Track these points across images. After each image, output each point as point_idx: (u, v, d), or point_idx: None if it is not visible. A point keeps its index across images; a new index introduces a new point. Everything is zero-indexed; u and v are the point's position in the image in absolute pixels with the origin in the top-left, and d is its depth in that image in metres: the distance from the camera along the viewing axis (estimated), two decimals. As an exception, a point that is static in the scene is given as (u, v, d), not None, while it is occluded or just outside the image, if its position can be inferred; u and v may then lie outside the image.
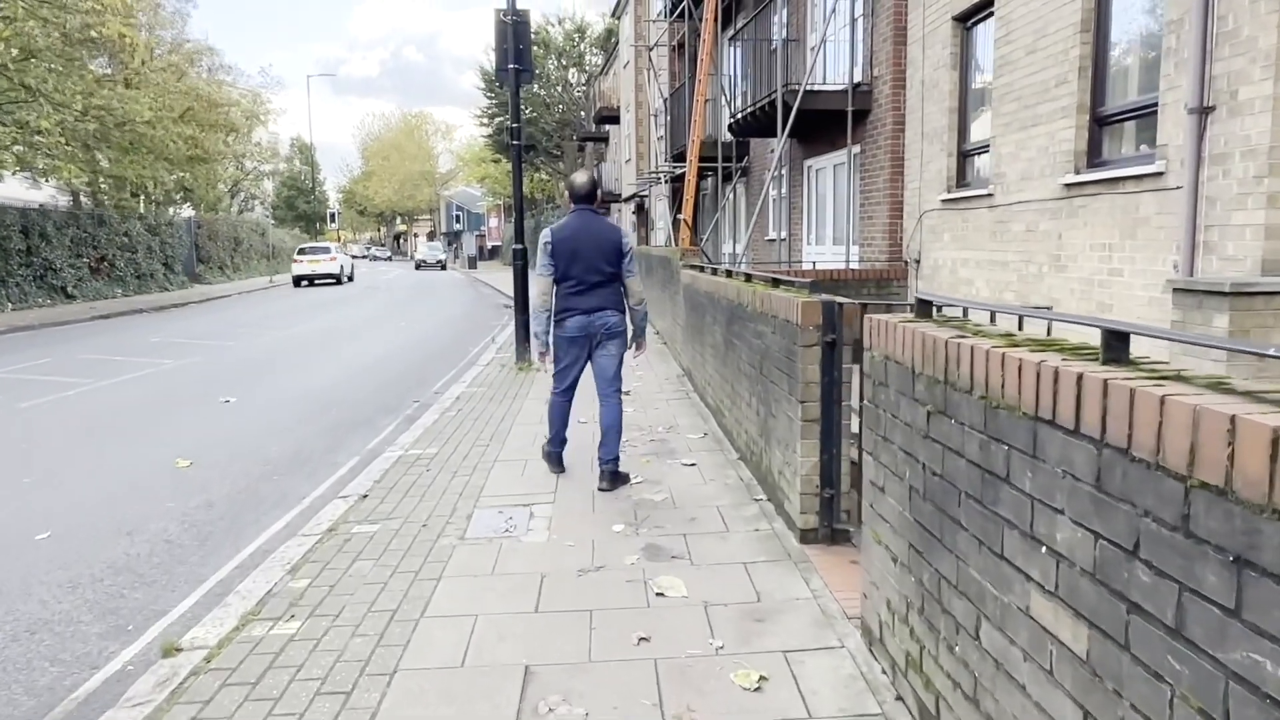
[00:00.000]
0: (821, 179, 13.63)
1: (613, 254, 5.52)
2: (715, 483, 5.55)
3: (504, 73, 10.97)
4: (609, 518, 4.92)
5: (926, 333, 2.60)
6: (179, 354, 13.62)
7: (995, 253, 8.28)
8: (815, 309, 4.21)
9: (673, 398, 8.65)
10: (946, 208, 9.41)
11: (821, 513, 4.33)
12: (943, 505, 2.50)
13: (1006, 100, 7.97)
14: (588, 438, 6.94)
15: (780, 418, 4.72)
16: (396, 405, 9.32)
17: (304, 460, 7.00)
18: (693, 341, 9.02)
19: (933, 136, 9.70)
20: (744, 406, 5.93)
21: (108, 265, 28.73)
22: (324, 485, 6.23)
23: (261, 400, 9.64)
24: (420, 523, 4.95)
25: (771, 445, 4.99)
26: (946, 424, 2.45)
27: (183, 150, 30.72)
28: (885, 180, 10.91)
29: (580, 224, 5.55)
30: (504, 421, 7.75)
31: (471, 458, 6.46)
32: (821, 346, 4.22)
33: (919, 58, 10.01)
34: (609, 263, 5.51)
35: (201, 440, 7.71)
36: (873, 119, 11.24)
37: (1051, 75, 7.20)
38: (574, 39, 45.33)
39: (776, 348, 4.76)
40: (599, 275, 5.50)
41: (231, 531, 5.27)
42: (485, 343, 14.65)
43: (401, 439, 7.25)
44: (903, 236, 10.73)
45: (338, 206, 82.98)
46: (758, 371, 5.36)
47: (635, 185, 27.75)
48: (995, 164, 8.22)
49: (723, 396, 6.90)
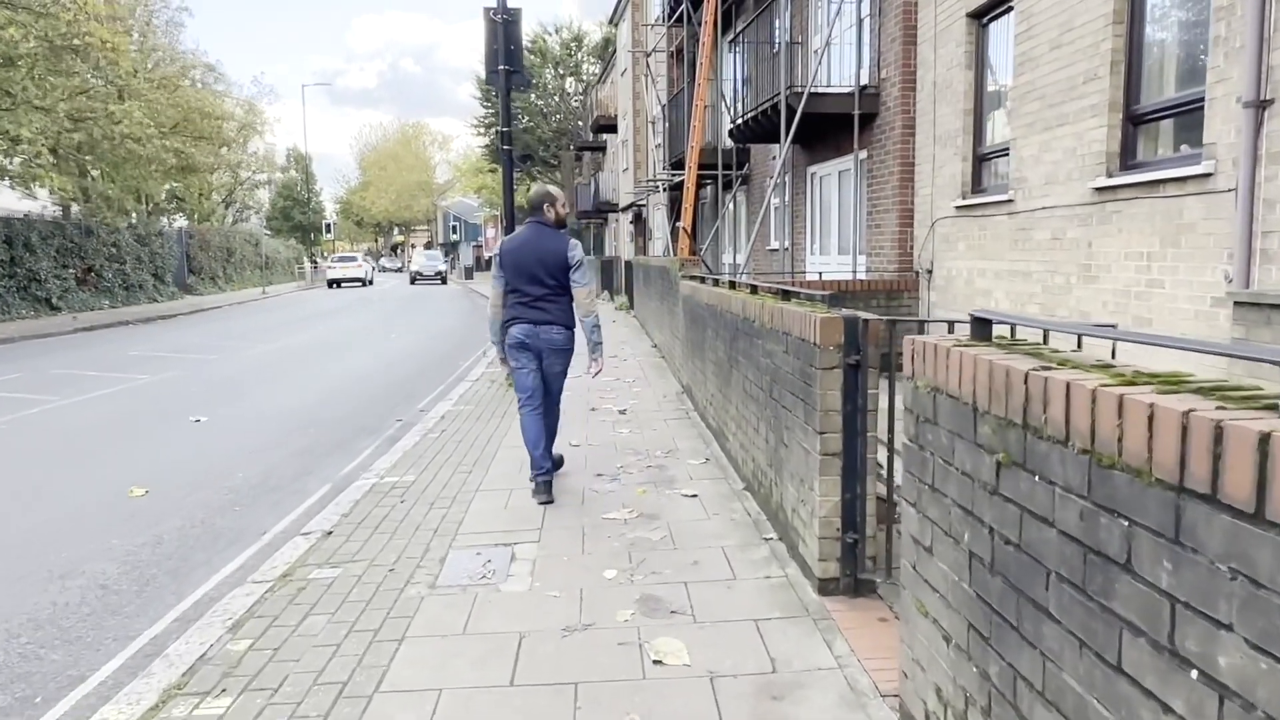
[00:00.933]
0: (826, 186, 13.11)
1: (557, 266, 5.46)
2: (719, 518, 4.99)
3: (494, 74, 10.46)
4: (600, 560, 4.35)
5: (995, 361, 2.04)
6: (156, 368, 13.06)
7: (1016, 262, 7.75)
8: (836, 326, 3.66)
9: (672, 417, 8.09)
10: (961, 215, 8.88)
11: (843, 560, 3.77)
12: (1021, 584, 1.94)
13: (1028, 100, 7.45)
14: (579, 461, 6.38)
15: (794, 448, 4.16)
16: (378, 425, 8.75)
17: (271, 488, 6.44)
18: (693, 357, 8.47)
19: (946, 140, 9.18)
20: (750, 431, 5.38)
21: (94, 276, 28.16)
22: (288, 518, 5.66)
23: (235, 419, 9.07)
24: (387, 566, 4.38)
25: (783, 478, 4.43)
26: (1027, 481, 1.90)
27: (172, 162, 30.25)
28: (894, 187, 10.39)
29: (527, 236, 5.58)
30: (489, 444, 7.19)
31: (451, 486, 5.89)
32: (843, 369, 3.67)
33: (930, 58, 9.50)
34: (552, 275, 5.46)
35: (163, 465, 7.14)
36: (880, 123, 10.72)
37: (1079, 71, 6.68)
38: (571, 48, 44.94)
39: (789, 369, 4.21)
40: (542, 288, 5.48)
41: (177, 576, 4.70)
42: (476, 356, 14.09)
43: (378, 464, 6.68)
44: (913, 246, 10.20)
45: (334, 217, 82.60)
46: (767, 394, 4.80)
47: (633, 194, 27.26)
48: (1016, 168, 7.70)
49: (726, 419, 6.34)
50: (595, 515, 5.10)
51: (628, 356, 12.77)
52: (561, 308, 5.54)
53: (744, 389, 5.56)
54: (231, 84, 51.04)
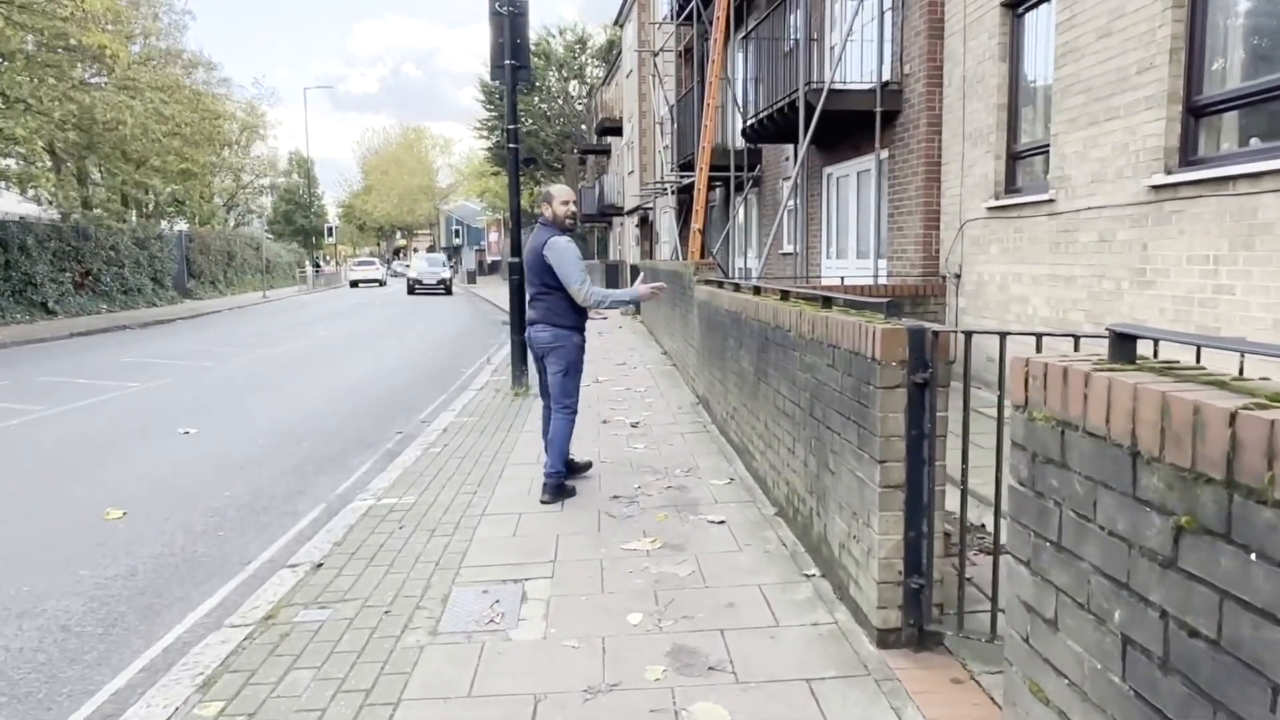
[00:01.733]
0: (843, 188, 12.62)
1: (540, 266, 5.49)
2: (752, 549, 4.49)
3: (500, 70, 9.98)
4: (623, 601, 3.86)
5: (1170, 393, 1.56)
6: (149, 376, 12.58)
7: (1057, 266, 7.26)
8: (899, 338, 3.17)
9: (689, 431, 7.60)
10: (994, 216, 8.39)
11: (906, 608, 3.28)
12: (1221, 693, 1.45)
13: (1071, 93, 6.96)
14: (592, 480, 5.89)
15: (843, 476, 3.67)
16: (376, 438, 8.27)
17: (259, 509, 5.95)
18: (710, 366, 7.99)
19: (976, 137, 8.70)
20: (783, 452, 4.89)
21: (92, 280, 27.74)
22: (276, 545, 5.17)
23: (226, 431, 8.58)
24: (382, 607, 3.89)
25: (828, 508, 3.94)
26: (1233, 558, 1.41)
27: (174, 164, 29.84)
28: (918, 187, 9.90)
29: (533, 236, 5.73)
30: (495, 460, 6.70)
31: (454, 509, 5.40)
32: (909, 389, 3.18)
33: (959, 51, 9.02)
34: (539, 275, 5.52)
35: (145, 482, 6.66)
36: (903, 120, 10.24)
37: (1132, 61, 6.20)
38: (574, 50, 44.53)
39: (837, 386, 3.72)
40: (534, 287, 5.65)
41: (149, 615, 4.21)
42: (480, 363, 13.62)
43: (376, 483, 6.20)
44: (939, 249, 9.71)
45: (337, 221, 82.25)
46: (805, 413, 4.31)
47: (638, 197, 26.80)
48: (1057, 166, 7.21)
49: (752, 435, 5.85)
50: (614, 545, 4.61)
51: (637, 364, 12.29)
52: (549, 306, 5.53)
53: (775, 405, 5.07)
54: (233, 86, 50.60)
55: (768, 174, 16.00)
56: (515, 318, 10.08)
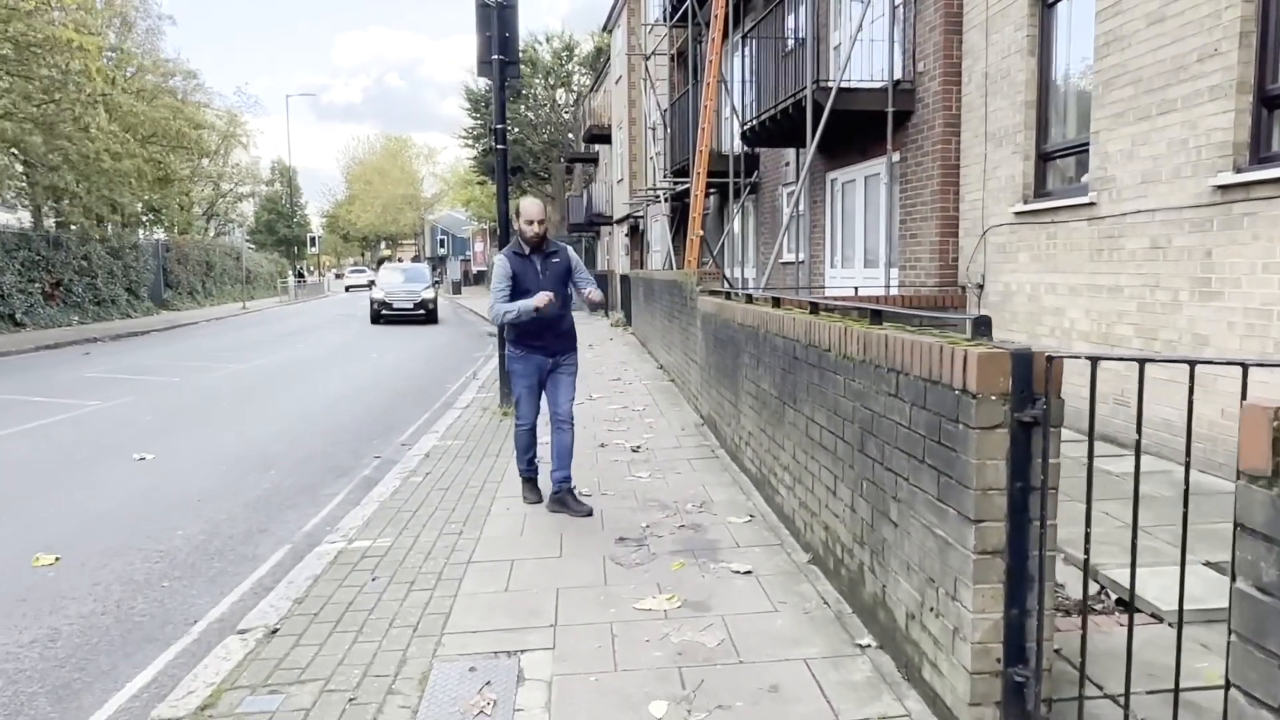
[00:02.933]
0: (848, 193, 12.00)
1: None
2: (789, 609, 3.80)
3: (487, 66, 9.30)
4: (642, 682, 3.16)
5: None
6: (110, 393, 11.78)
7: (1099, 275, 6.63)
8: (1001, 366, 2.50)
9: (696, 457, 6.92)
10: (1022, 222, 7.77)
11: (1006, 705, 2.59)
12: None
13: (1117, 85, 6.35)
14: (594, 518, 5.18)
15: (913, 531, 2.99)
16: (352, 464, 7.54)
17: (214, 552, 5.21)
18: (717, 385, 7.31)
19: (1001, 137, 8.08)
20: (818, 489, 4.21)
21: (63, 290, 26.82)
22: (228, 600, 4.44)
23: (186, 456, 7.83)
24: (346, 691, 3.18)
25: (888, 565, 3.26)
26: None
27: (150, 172, 28.99)
28: (934, 191, 9.28)
29: None
30: (482, 492, 6.00)
31: (436, 555, 4.69)
32: (1012, 430, 2.51)
33: (980, 45, 8.41)
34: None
35: (87, 518, 5.91)
36: (916, 121, 9.63)
37: (1191, 48, 5.59)
38: (562, 58, 43.92)
39: (904, 420, 3.05)
40: None
41: (62, 699, 3.48)
42: (465, 379, 12.91)
43: (348, 519, 5.48)
44: (958, 257, 9.09)
45: (320, 230, 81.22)
46: (853, 448, 3.64)
47: (628, 205, 26.15)
48: (1099, 165, 6.59)
49: (774, 466, 5.17)
50: (624, 602, 3.91)
51: (632, 380, 11.61)
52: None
53: (807, 435, 4.39)
54: (214, 94, 49.70)
55: (766, 180, 15.38)
56: (502, 332, 9.36)
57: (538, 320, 5.32)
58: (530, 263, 5.41)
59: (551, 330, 5.46)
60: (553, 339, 5.49)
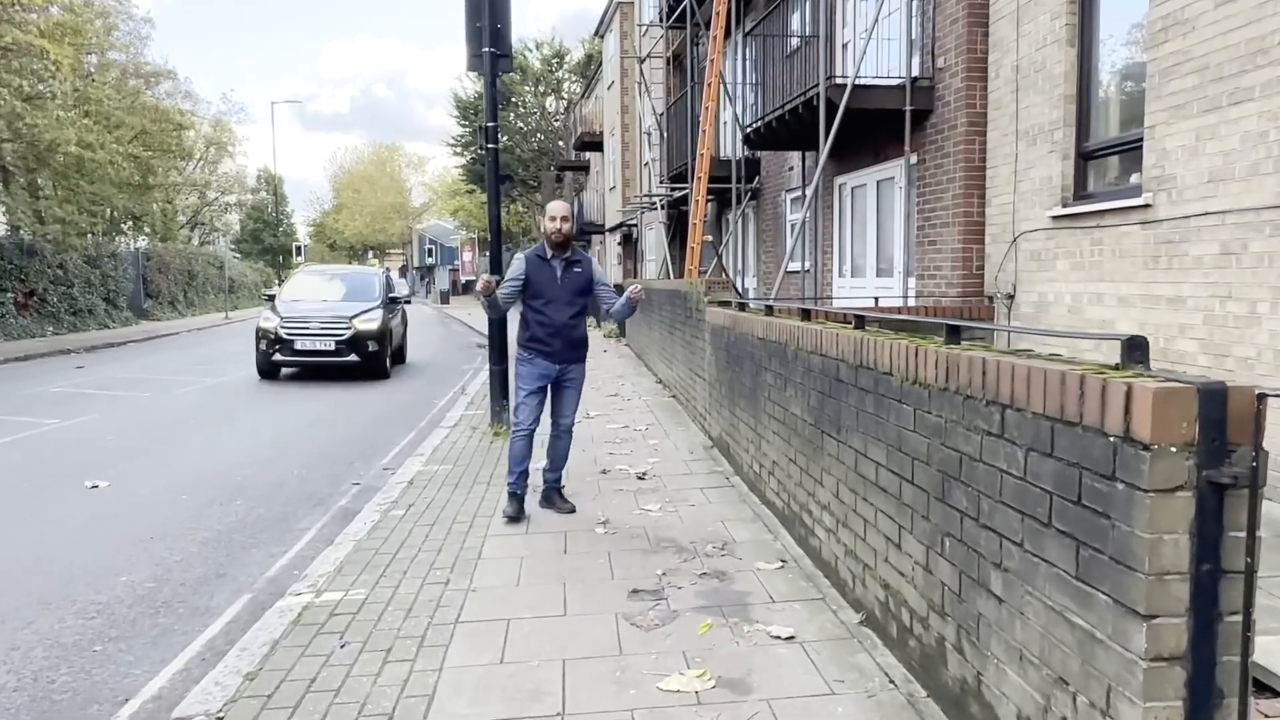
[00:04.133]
0: (859, 198, 11.38)
1: None
2: (849, 691, 3.12)
3: (477, 59, 8.63)
4: (676, 802, 2.47)
5: None
6: (72, 410, 11.01)
7: (1156, 285, 6.00)
8: (1183, 405, 1.83)
9: (709, 485, 6.24)
10: (1060, 227, 7.14)
11: None
12: None
13: (1177, 74, 5.73)
14: (600, 562, 4.48)
15: (1033, 613, 2.32)
16: (328, 491, 6.84)
17: (160, 605, 4.49)
18: (731, 405, 6.64)
19: (1035, 135, 7.47)
20: (876, 537, 3.54)
21: (37, 300, 25.96)
22: (168, 670, 3.72)
23: (145, 483, 7.09)
24: (299, 817, 2.47)
25: (986, 648, 2.59)
26: None
27: (132, 175, 28.20)
28: (956, 195, 8.66)
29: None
30: (473, 529, 5.30)
31: (418, 612, 3.99)
32: (1199, 493, 1.84)
33: (1010, 37, 7.81)
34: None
35: (18, 561, 5.17)
36: (936, 121, 9.02)
37: (1272, 29, 4.97)
38: (552, 65, 43.31)
39: (1021, 470, 2.38)
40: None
41: (-60, 816, 2.77)
42: (453, 393, 12.20)
43: (318, 563, 4.77)
44: (984, 265, 8.46)
45: (307, 240, 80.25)
46: (932, 496, 2.97)
47: (621, 213, 25.52)
48: (1155, 163, 5.97)
49: (809, 504, 4.50)
50: (646, 682, 3.22)
51: (631, 395, 10.93)
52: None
53: (856, 470, 3.72)
54: (199, 100, 48.89)
55: (768, 185, 14.76)
56: (495, 344, 8.69)
57: (550, 325, 5.39)
58: (549, 267, 5.43)
59: (562, 337, 5.44)
60: (563, 345, 5.46)
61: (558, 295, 5.40)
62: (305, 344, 13.29)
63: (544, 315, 5.41)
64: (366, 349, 13.43)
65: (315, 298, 14.40)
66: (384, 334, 13.72)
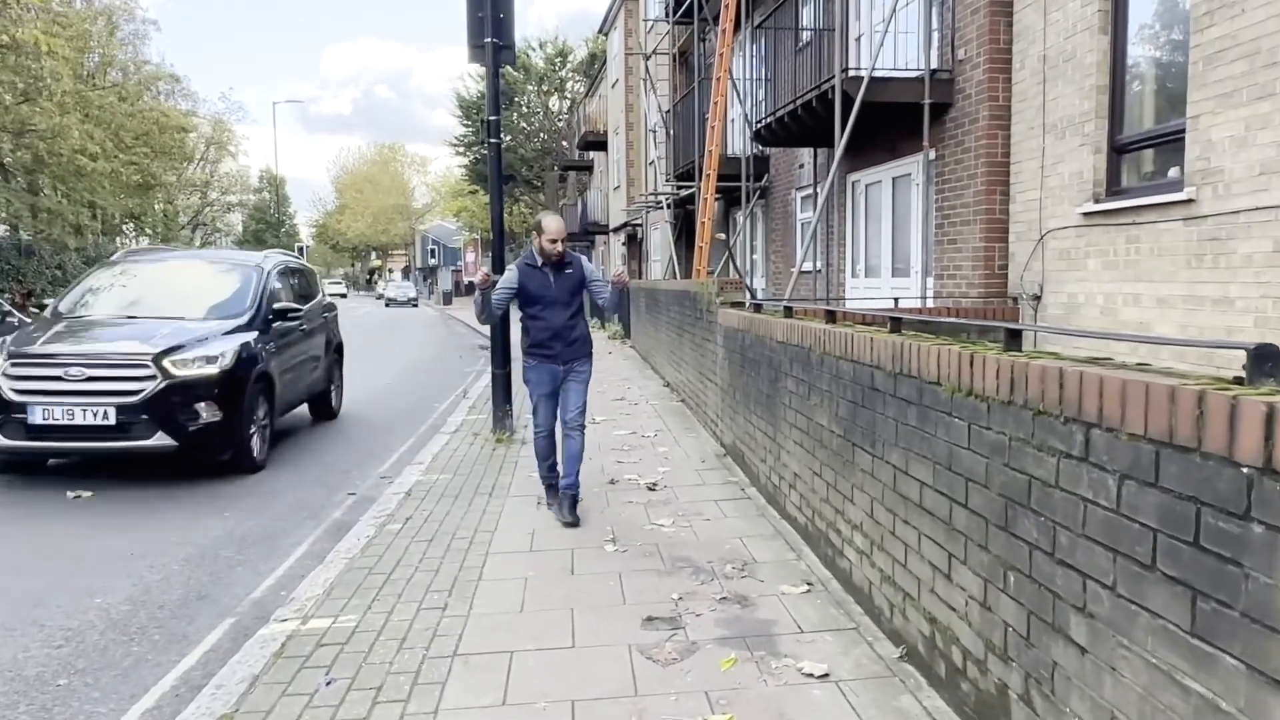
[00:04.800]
0: (872, 196, 11.03)
1: None
2: (894, 740, 2.77)
3: (479, 50, 8.29)
4: None
5: None
6: (63, 414, 10.65)
7: (1200, 285, 5.65)
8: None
9: (724, 498, 5.89)
10: (1092, 224, 6.79)
11: None
12: None
13: (1223, 60, 5.38)
14: (611, 583, 4.13)
15: (1131, 671, 1.97)
16: (322, 501, 6.50)
17: (135, 631, 4.15)
18: (746, 411, 6.29)
19: (1064, 128, 7.11)
20: (919, 564, 3.19)
21: (34, 301, 25.63)
22: (136, 710, 3.38)
23: (129, 494, 6.74)
24: None
25: (1065, 704, 2.24)
26: None
27: (131, 177, 27.93)
28: (978, 191, 8.31)
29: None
30: (472, 547, 4.95)
31: (413, 641, 3.65)
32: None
33: (1037, 26, 7.45)
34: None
35: (-11, 581, 4.82)
36: (956, 114, 8.66)
37: (1332, 9, 4.62)
38: (555, 64, 43.00)
39: (1113, 501, 2.02)
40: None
41: None
42: (455, 396, 11.86)
43: (307, 584, 4.44)
44: (1007, 264, 8.10)
45: (309, 241, 80.00)
46: (991, 523, 2.62)
47: (626, 213, 25.18)
48: (1199, 155, 5.61)
49: (837, 521, 4.15)
50: (665, 728, 2.87)
51: (638, 399, 10.57)
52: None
53: (895, 489, 3.37)
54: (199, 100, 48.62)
55: (777, 184, 14.40)
56: (498, 347, 8.35)
57: (550, 328, 5.47)
58: (541, 273, 5.50)
59: (561, 339, 5.50)
60: (563, 347, 5.52)
61: (554, 298, 5.51)
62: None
63: (543, 320, 5.51)
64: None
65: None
66: (238, 386, 7.14)
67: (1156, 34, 6.42)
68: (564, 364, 5.56)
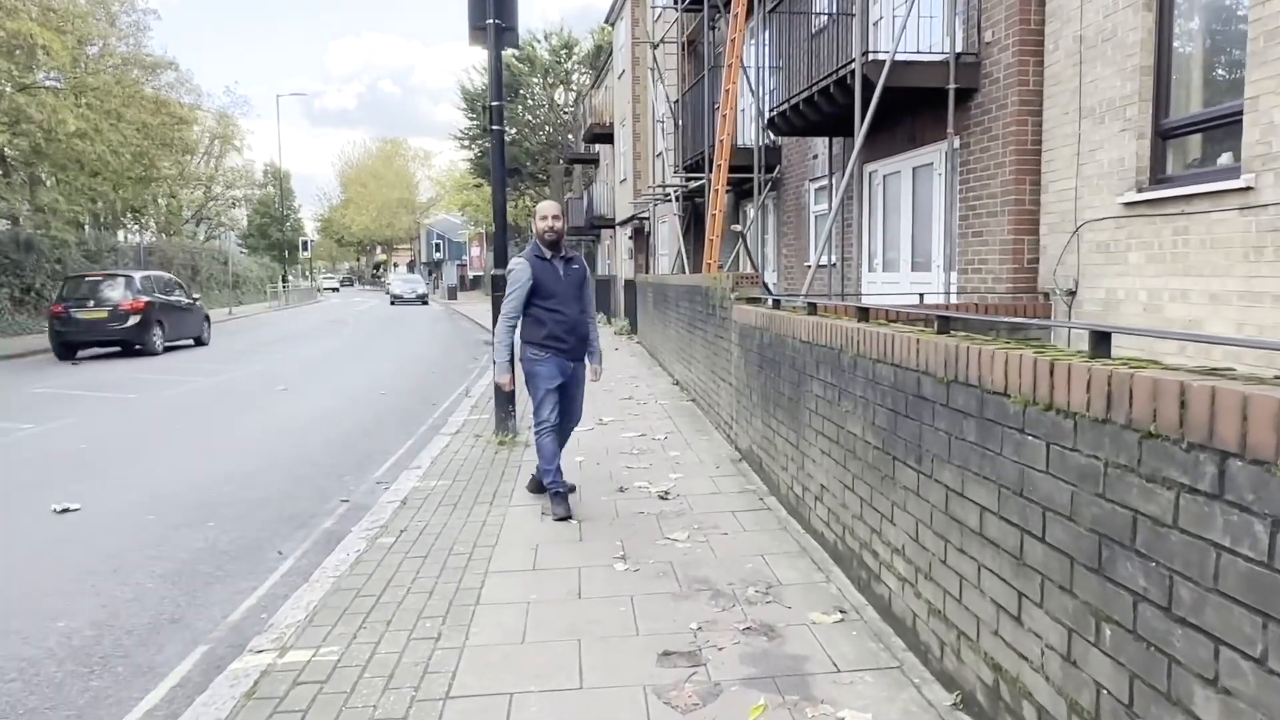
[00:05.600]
0: (890, 187, 10.59)
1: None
2: (958, 815, 2.36)
3: (480, 31, 7.88)
4: None
5: None
6: (52, 413, 10.32)
7: (1259, 280, 5.21)
8: None
9: (742, 509, 5.47)
10: (1134, 214, 6.35)
11: None
12: None
13: (1287, 35, 4.94)
14: (622, 608, 3.70)
15: (1284, 768, 1.56)
16: (314, 509, 6.11)
17: (96, 662, 3.76)
18: (765, 415, 5.88)
19: (1103, 113, 6.67)
20: (979, 601, 2.77)
21: (34, 296, 25.36)
22: (86, 761, 3.00)
23: (112, 502, 6.37)
24: None
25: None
26: None
27: (132, 167, 27.58)
28: (1006, 181, 7.87)
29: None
30: (470, 565, 4.55)
31: (401, 680, 3.25)
32: None
33: (1073, 5, 7.01)
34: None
35: (-55, 602, 4.44)
36: (981, 100, 8.22)
37: None
38: (560, 56, 42.54)
39: (1265, 554, 1.61)
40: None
41: None
42: (457, 395, 11.47)
43: (288, 608, 4.04)
44: (1038, 258, 7.67)
45: (314, 235, 79.73)
46: (1076, 563, 2.20)
47: (632, 206, 24.74)
48: (1259, 139, 5.18)
49: (873, 541, 3.74)
50: (688, 795, 2.46)
51: (646, 399, 10.17)
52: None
53: (948, 513, 2.96)
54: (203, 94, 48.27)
55: (789, 175, 13.95)
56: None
57: (566, 321, 5.40)
58: (552, 266, 5.41)
59: (577, 333, 5.48)
60: (576, 342, 5.50)
61: (565, 292, 5.44)
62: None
63: (560, 313, 5.40)
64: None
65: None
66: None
67: (1208, 8, 5.97)
68: (574, 361, 5.54)
